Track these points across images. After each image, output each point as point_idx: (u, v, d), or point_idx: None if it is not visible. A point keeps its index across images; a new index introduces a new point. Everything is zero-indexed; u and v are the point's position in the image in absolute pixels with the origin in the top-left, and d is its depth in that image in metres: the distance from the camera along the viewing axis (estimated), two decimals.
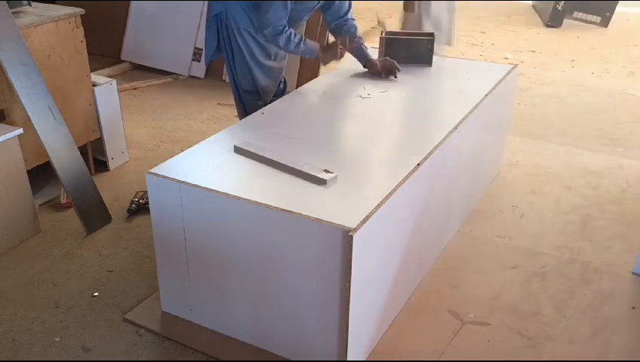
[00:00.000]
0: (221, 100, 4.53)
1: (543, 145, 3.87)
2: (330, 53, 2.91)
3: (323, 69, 3.97)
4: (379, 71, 3.05)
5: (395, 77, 3.03)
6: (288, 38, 2.74)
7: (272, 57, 2.96)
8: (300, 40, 2.79)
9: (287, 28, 2.73)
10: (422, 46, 3.24)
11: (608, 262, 2.70)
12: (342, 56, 2.94)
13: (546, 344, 2.24)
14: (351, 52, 3.08)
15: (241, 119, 2.99)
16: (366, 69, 3.12)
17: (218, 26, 2.89)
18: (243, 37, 2.86)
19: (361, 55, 3.11)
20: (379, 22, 2.96)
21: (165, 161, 2.23)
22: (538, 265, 2.69)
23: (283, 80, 3.16)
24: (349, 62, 3.78)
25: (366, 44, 3.13)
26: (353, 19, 3.07)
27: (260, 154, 2.20)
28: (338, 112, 2.73)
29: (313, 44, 2.88)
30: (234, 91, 3.07)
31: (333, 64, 3.03)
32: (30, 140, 2.82)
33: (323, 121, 2.60)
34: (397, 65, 3.02)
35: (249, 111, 2.85)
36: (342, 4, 3.03)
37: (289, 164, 2.14)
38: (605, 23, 6.68)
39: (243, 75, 2.95)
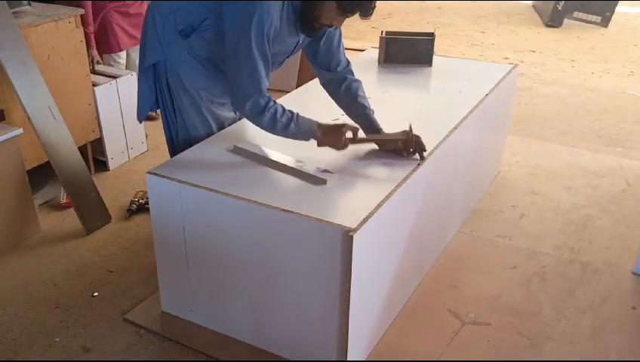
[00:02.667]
0: None
1: (543, 145, 3.87)
2: (331, 139, 2.16)
3: None
4: (400, 148, 2.22)
5: (422, 158, 2.20)
6: (273, 118, 2.06)
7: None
8: (291, 119, 2.08)
9: (271, 101, 2.06)
10: (422, 46, 3.24)
11: (608, 262, 2.70)
12: (345, 147, 2.17)
13: (546, 344, 2.24)
14: (356, 122, 2.35)
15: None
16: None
17: (155, 78, 2.28)
18: (193, 98, 2.26)
19: (370, 128, 2.32)
20: None
21: (165, 160, 2.24)
22: (538, 265, 2.69)
23: None
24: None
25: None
26: (355, 79, 2.39)
27: (260, 154, 2.21)
28: (338, 112, 2.73)
29: (309, 125, 2.13)
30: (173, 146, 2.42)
31: None
32: (30, 140, 2.82)
33: (323, 121, 2.60)
34: (424, 145, 2.21)
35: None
36: (332, 52, 2.31)
37: (289, 164, 2.14)
38: (605, 23, 6.69)
39: (191, 131, 2.34)
